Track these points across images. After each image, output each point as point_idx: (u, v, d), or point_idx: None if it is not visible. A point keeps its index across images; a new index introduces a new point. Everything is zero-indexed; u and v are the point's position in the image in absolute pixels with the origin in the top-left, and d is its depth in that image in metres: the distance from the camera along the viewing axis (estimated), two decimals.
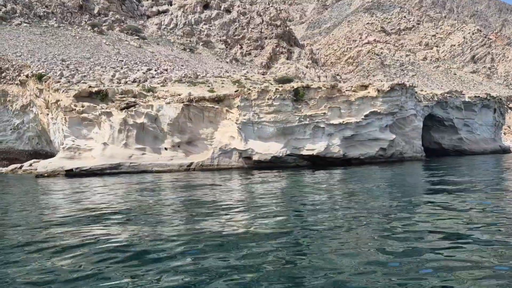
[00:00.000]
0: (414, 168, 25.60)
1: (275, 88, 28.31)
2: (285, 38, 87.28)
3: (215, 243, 6.97)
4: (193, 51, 78.01)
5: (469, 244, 6.49)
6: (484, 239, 6.73)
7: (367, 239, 7.00)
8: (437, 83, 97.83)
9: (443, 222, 8.12)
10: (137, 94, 35.19)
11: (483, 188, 13.47)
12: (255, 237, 7.20)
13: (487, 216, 8.69)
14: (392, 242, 6.68)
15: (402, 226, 7.83)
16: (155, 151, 29.79)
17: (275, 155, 28.09)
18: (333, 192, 13.91)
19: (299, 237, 7.20)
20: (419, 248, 6.27)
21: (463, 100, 45.52)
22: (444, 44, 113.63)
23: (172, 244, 6.96)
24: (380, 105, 30.45)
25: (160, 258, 6.25)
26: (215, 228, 8.11)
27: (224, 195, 13.68)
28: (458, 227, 7.62)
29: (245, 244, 6.80)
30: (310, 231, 7.64)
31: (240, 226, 8.28)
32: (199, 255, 6.32)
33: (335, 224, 8.18)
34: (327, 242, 6.82)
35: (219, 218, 9.26)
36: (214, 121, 31.29)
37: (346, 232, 7.50)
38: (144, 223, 8.91)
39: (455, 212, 9.14)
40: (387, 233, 7.30)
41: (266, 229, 7.91)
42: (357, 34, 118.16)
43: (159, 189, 17.13)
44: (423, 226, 7.79)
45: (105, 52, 61.37)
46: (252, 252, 6.33)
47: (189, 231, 7.86)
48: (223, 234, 7.57)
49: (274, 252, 6.26)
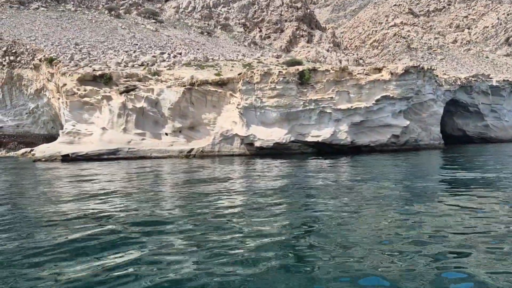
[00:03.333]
0: (426, 157, 23.60)
1: (278, 71, 26.68)
2: (305, 21, 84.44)
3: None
4: (211, 34, 76.69)
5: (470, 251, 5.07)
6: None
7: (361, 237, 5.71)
8: (467, 67, 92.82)
9: (452, 223, 6.68)
10: (142, 78, 34.30)
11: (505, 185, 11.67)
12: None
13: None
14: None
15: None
16: (155, 136, 28.91)
17: (278, 142, 26.64)
18: (320, 182, 12.49)
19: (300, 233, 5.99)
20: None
21: (490, 84, 42.49)
22: (477, 26, 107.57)
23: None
24: (393, 89, 28.34)
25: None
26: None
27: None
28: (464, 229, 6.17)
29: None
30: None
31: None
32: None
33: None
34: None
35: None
36: (217, 106, 30.06)
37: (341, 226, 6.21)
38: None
39: (462, 213, 7.63)
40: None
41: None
42: (383, 17, 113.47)
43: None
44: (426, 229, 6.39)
45: (120, 36, 60.94)
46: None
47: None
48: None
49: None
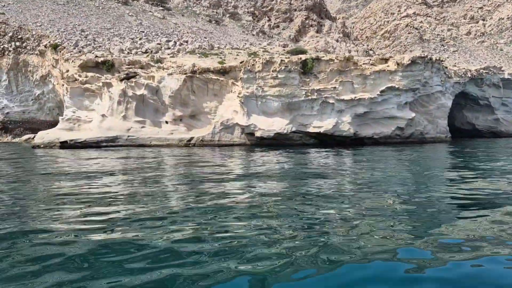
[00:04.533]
0: (430, 150, 22.89)
1: (280, 59, 26.04)
2: (315, 10, 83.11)
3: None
4: (219, 23, 75.96)
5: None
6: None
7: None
8: (480, 59, 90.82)
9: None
10: (144, 65, 33.94)
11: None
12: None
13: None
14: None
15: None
16: (155, 125, 28.59)
17: (279, 132, 26.12)
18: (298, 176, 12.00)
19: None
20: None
21: (502, 77, 41.31)
22: (492, 18, 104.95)
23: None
24: (399, 80, 27.54)
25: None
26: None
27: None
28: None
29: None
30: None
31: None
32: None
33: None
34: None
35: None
36: (219, 94, 29.58)
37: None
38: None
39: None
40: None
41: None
42: (395, 7, 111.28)
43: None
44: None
45: (126, 23, 60.59)
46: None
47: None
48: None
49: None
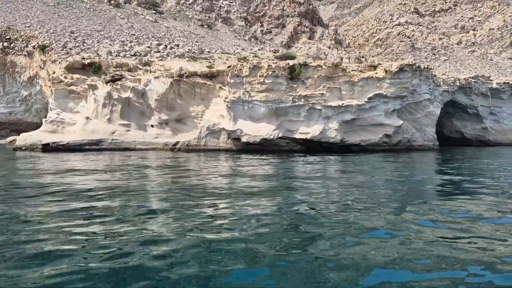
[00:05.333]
0: (416, 158, 22.77)
1: (267, 64, 25.83)
2: (308, 17, 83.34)
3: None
4: (211, 27, 75.79)
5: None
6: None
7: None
8: (471, 69, 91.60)
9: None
10: (132, 68, 33.60)
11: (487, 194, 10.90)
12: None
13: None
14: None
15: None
16: (141, 128, 28.19)
17: (265, 137, 25.83)
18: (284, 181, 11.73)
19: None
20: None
21: (490, 87, 41.48)
22: (482, 28, 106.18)
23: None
24: (387, 87, 27.44)
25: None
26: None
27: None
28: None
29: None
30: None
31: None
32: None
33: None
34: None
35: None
36: (206, 99, 29.29)
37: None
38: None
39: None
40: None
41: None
42: (388, 15, 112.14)
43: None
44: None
45: (117, 25, 60.16)
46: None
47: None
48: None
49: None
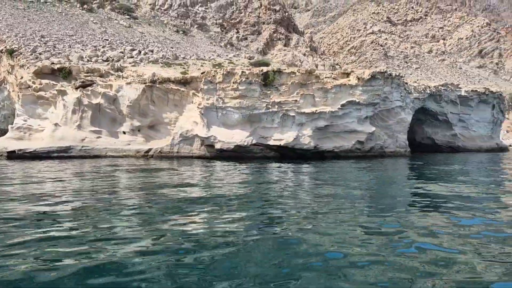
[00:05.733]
0: (388, 165, 23.09)
1: (241, 71, 25.76)
2: (283, 24, 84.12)
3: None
4: (187, 33, 75.35)
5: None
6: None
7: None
8: (441, 77, 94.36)
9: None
10: (104, 73, 32.91)
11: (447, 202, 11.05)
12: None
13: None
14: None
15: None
16: (112, 135, 27.56)
17: (239, 144, 25.68)
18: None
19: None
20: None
21: (459, 94, 42.71)
22: (452, 37, 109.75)
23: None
24: (359, 94, 27.81)
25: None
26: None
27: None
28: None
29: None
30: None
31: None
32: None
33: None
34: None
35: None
36: (179, 105, 28.93)
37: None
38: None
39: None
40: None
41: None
42: (361, 24, 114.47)
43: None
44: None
45: (90, 30, 59.02)
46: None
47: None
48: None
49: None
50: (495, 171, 18.96)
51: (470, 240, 5.85)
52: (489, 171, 18.93)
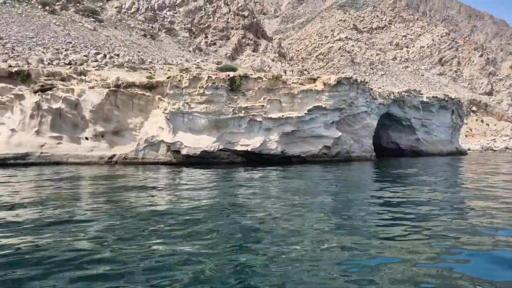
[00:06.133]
0: (352, 168, 23.44)
1: (207, 75, 25.53)
2: (252, 30, 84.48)
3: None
4: (154, 37, 74.29)
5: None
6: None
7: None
8: (405, 83, 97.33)
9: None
10: (65, 77, 31.83)
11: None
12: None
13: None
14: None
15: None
16: (74, 141, 26.60)
17: (206, 150, 25.38)
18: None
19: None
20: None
21: (421, 100, 44.08)
22: (414, 45, 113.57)
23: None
24: (326, 100, 28.17)
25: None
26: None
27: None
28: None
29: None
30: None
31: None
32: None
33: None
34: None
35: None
36: (145, 110, 28.33)
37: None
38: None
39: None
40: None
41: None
42: (329, 31, 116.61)
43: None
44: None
45: (52, 32, 57.12)
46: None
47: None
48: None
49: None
50: (449, 174, 19.59)
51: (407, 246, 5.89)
52: (444, 173, 19.54)
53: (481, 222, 7.43)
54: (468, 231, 6.75)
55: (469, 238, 6.29)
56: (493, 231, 6.79)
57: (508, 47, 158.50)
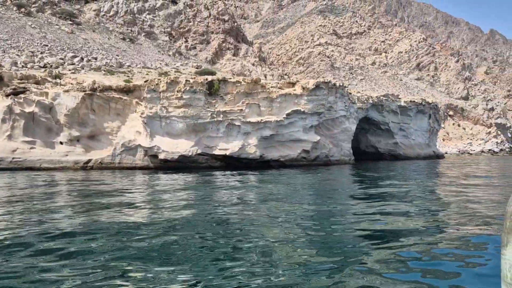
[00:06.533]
0: (329, 173, 23.56)
1: (185, 79, 25.31)
2: (232, 34, 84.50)
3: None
4: (134, 41, 73.47)
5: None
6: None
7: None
8: (384, 88, 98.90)
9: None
10: (40, 80, 31.11)
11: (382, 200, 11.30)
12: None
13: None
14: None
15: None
16: (48, 145, 25.94)
17: (183, 154, 25.10)
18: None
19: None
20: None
21: (399, 104, 44.74)
22: (392, 51, 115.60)
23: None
24: (304, 104, 28.26)
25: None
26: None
27: None
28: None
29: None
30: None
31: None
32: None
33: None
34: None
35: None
36: (122, 114, 27.87)
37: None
38: None
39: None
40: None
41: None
42: (309, 36, 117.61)
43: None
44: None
45: (28, 35, 55.85)
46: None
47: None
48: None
49: None
50: (424, 176, 19.89)
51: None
52: (418, 175, 19.82)
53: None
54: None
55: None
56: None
57: (482, 53, 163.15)
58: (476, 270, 4.91)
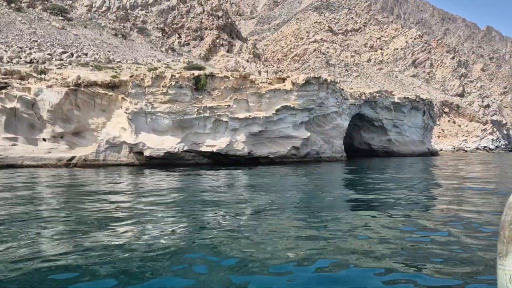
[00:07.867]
0: (316, 169, 22.99)
1: (171, 74, 24.67)
2: (226, 30, 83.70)
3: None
4: (126, 37, 72.59)
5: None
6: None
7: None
8: (379, 85, 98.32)
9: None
10: (25, 76, 30.35)
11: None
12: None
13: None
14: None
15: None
16: (30, 142, 25.23)
17: (169, 151, 24.48)
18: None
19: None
20: None
21: (393, 101, 44.24)
22: (388, 47, 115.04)
23: None
24: (294, 100, 27.69)
25: None
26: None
27: None
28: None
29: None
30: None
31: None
32: None
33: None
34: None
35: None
36: (107, 110, 27.18)
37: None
38: None
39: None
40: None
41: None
42: (304, 32, 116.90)
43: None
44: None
45: (17, 30, 54.97)
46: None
47: None
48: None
49: None
50: (416, 176, 19.38)
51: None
52: (412, 175, 19.31)
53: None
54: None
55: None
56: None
57: (479, 49, 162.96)
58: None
